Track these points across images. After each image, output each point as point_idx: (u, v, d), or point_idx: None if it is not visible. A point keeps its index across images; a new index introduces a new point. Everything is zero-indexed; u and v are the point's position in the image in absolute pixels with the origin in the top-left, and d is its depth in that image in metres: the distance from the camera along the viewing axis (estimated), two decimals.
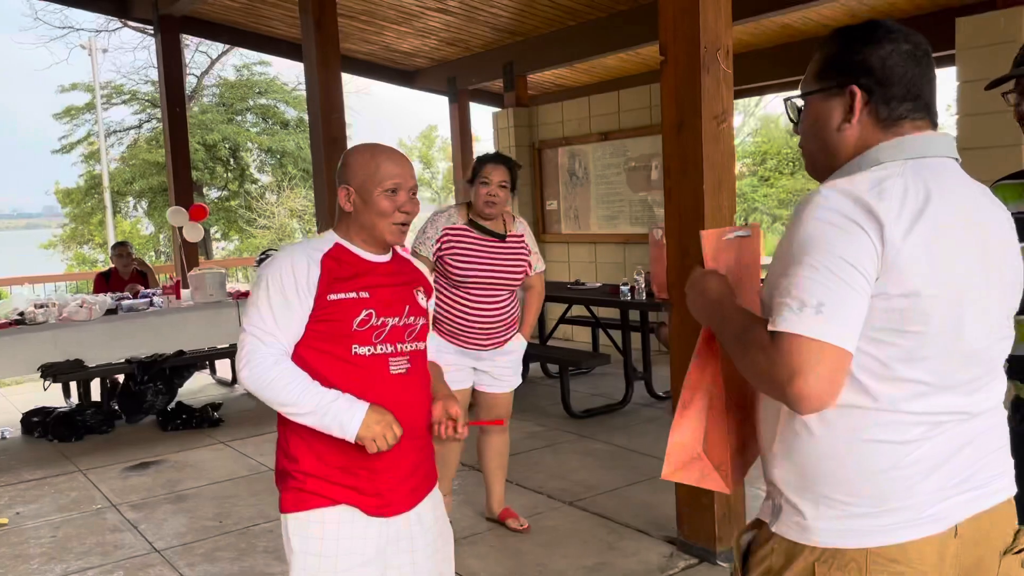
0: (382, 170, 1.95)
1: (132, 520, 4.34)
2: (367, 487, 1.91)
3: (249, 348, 1.89)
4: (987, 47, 5.39)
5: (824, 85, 1.36)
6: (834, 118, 1.35)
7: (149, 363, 6.11)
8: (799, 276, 1.21)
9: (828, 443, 1.29)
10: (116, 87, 21.77)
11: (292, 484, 1.93)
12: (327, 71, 5.93)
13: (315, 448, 1.91)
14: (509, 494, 4.19)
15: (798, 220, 1.25)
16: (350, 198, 1.97)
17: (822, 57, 1.38)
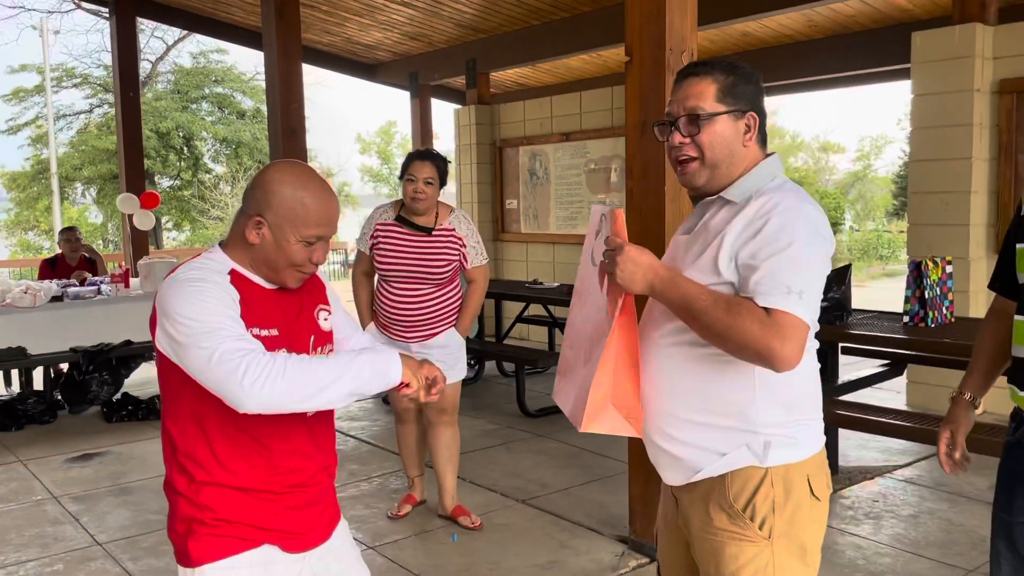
0: (310, 214, 1.67)
1: (73, 512, 4.22)
2: (289, 527, 1.77)
3: (240, 364, 1.52)
4: (942, 62, 5.52)
5: (732, 108, 1.68)
6: (739, 135, 1.69)
7: (95, 352, 5.95)
8: (783, 267, 1.53)
9: (801, 378, 1.66)
10: (67, 70, 21.26)
11: (206, 531, 1.69)
12: (287, 60, 5.85)
13: (233, 498, 1.71)
14: (462, 491, 4.17)
15: (783, 221, 1.56)
16: (260, 231, 1.67)
17: (727, 84, 1.68)
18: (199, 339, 1.55)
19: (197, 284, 1.62)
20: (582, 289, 1.88)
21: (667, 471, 1.76)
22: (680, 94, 1.71)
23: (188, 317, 1.57)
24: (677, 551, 1.86)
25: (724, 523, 1.67)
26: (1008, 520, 1.87)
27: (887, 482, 4.43)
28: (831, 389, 4.60)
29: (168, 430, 1.73)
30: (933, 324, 4.17)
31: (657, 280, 1.60)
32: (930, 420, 4.03)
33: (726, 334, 1.53)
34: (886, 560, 3.49)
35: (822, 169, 30.15)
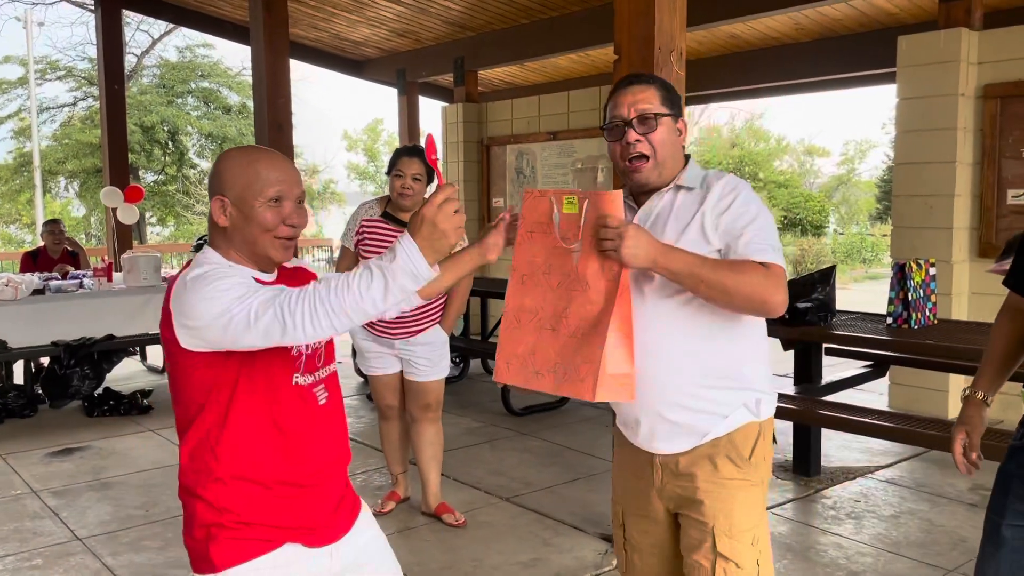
0: (262, 176, 1.67)
1: (53, 507, 4.18)
2: (309, 521, 1.77)
3: (280, 310, 1.54)
4: (927, 66, 5.56)
5: (672, 111, 1.91)
6: (678, 137, 1.92)
7: (76, 347, 5.90)
8: (762, 230, 1.81)
9: (765, 339, 1.97)
10: (51, 62, 21.07)
11: (227, 535, 1.69)
12: (275, 55, 5.81)
13: (251, 495, 1.71)
14: (446, 489, 4.16)
15: (747, 196, 1.85)
16: (225, 211, 1.67)
17: (665, 93, 1.91)
18: (231, 307, 1.56)
19: (208, 276, 1.62)
20: (532, 272, 1.90)
21: (669, 441, 1.90)
22: (625, 99, 1.89)
23: (211, 299, 1.58)
24: (653, 532, 2.00)
25: (733, 473, 1.88)
26: (997, 522, 1.87)
27: (868, 482, 4.45)
28: (814, 390, 4.63)
29: (187, 431, 1.72)
30: (916, 326, 4.20)
31: (659, 253, 1.72)
32: (912, 421, 4.06)
33: (735, 289, 1.73)
34: (867, 560, 3.51)
35: (807, 172, 30.29)
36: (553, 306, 1.85)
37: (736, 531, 1.87)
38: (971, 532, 3.76)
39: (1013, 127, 5.42)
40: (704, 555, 1.87)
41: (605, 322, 1.77)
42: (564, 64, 9.82)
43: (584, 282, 1.81)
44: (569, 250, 1.82)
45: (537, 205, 1.88)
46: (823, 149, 31.57)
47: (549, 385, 1.84)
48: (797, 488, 4.36)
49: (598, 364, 1.75)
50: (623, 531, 2.06)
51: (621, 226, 1.70)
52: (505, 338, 1.92)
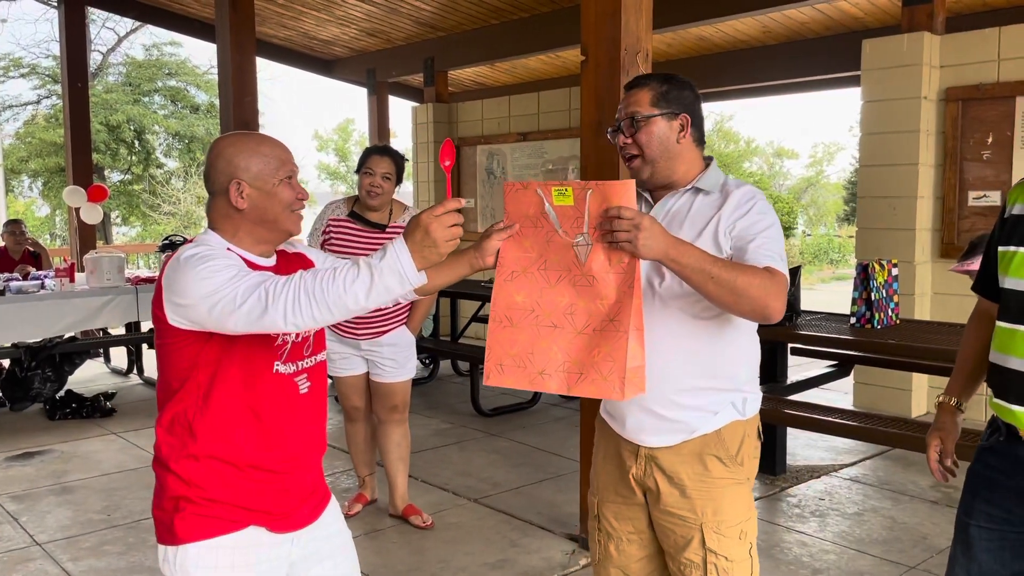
0: (275, 157, 1.77)
1: (12, 512, 4.10)
2: (275, 507, 1.79)
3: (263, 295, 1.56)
4: (890, 69, 5.63)
5: (665, 111, 1.92)
6: (673, 133, 1.92)
7: (37, 348, 5.80)
8: (772, 239, 1.84)
9: (755, 342, 2.00)
10: (14, 60, 20.69)
11: (193, 510, 1.72)
12: (241, 53, 5.76)
13: (223, 474, 1.74)
14: (414, 490, 4.14)
15: (764, 206, 1.89)
16: (243, 193, 1.74)
17: (660, 92, 1.93)
18: (220, 287, 1.59)
19: (204, 256, 1.65)
20: (524, 267, 1.81)
21: (658, 435, 1.94)
22: (623, 103, 1.96)
23: (203, 279, 1.61)
24: (633, 517, 2.03)
25: (721, 472, 1.93)
26: (966, 522, 1.87)
27: (833, 480, 4.50)
28: (780, 389, 4.67)
29: (166, 405, 1.76)
30: (879, 326, 4.25)
31: (670, 246, 1.69)
32: (876, 420, 4.11)
33: (744, 289, 1.73)
34: (831, 557, 3.54)
35: (776, 174, 30.63)
36: (553, 302, 1.78)
37: (724, 527, 1.92)
38: (932, 529, 3.81)
39: (974, 130, 5.51)
40: (694, 552, 1.92)
41: (623, 316, 1.71)
42: (534, 65, 9.83)
43: (590, 276, 1.74)
44: (571, 243, 1.75)
45: (522, 198, 1.80)
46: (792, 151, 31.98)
47: (560, 384, 1.76)
48: (763, 487, 4.39)
49: (623, 360, 1.70)
50: (598, 522, 2.08)
51: (637, 216, 1.66)
52: (495, 339, 1.82)
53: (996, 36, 5.42)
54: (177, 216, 20.45)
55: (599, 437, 2.12)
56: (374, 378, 3.84)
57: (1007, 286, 1.80)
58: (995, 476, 1.83)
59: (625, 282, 1.72)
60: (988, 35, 5.45)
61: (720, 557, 1.90)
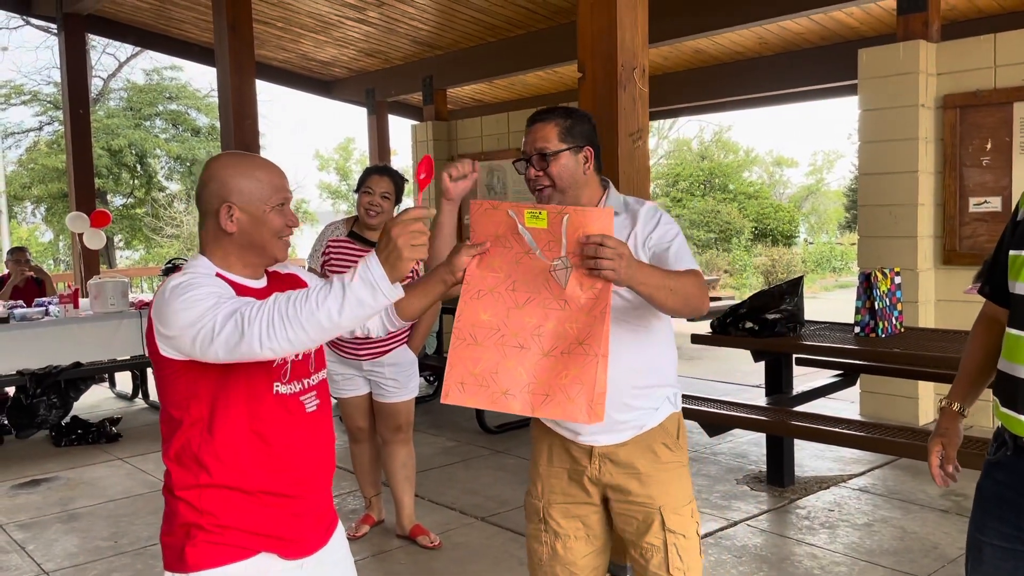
0: (268, 183, 1.74)
1: (20, 540, 4.10)
2: (287, 532, 1.78)
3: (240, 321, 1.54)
4: (887, 77, 5.65)
5: (571, 145, 2.06)
6: (580, 165, 2.07)
7: (42, 375, 5.80)
8: (683, 245, 2.06)
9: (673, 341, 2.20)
10: (16, 87, 20.83)
11: (204, 537, 1.70)
12: (240, 76, 5.79)
13: (234, 501, 1.72)
14: (421, 510, 4.13)
15: (667, 218, 2.11)
16: (232, 216, 1.71)
17: (565, 127, 2.06)
18: (202, 316, 1.56)
19: (188, 284, 1.63)
20: (491, 287, 1.82)
21: (610, 434, 2.10)
22: (530, 137, 2.08)
23: (185, 308, 1.58)
24: (582, 515, 2.17)
25: (668, 456, 2.14)
26: (979, 540, 1.83)
27: (841, 491, 4.48)
28: (785, 400, 4.66)
29: (171, 436, 1.73)
30: (883, 334, 4.24)
31: (640, 271, 1.81)
32: (883, 429, 4.09)
33: (688, 294, 1.91)
34: (842, 569, 3.52)
35: (776, 183, 30.64)
36: (520, 323, 1.79)
37: (679, 507, 2.12)
38: (943, 538, 3.79)
39: (973, 136, 5.52)
40: (655, 535, 2.10)
41: (593, 341, 1.73)
42: (532, 81, 9.87)
43: (562, 299, 1.76)
44: (548, 266, 1.76)
45: (491, 217, 1.81)
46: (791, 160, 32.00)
47: (524, 406, 1.77)
48: (771, 499, 4.37)
49: (592, 384, 1.73)
50: (544, 524, 2.20)
51: (620, 246, 1.73)
52: (457, 357, 1.82)
53: (992, 43, 5.43)
54: (180, 239, 20.50)
55: (540, 443, 2.23)
56: (377, 398, 3.83)
57: (1018, 292, 1.74)
58: (1005, 492, 1.79)
59: (597, 307, 1.75)
60: (984, 42, 5.47)
61: (678, 536, 2.10)
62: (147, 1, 8.34)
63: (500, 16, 7.98)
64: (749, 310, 4.34)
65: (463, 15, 8.08)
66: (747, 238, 21.96)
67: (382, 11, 8.09)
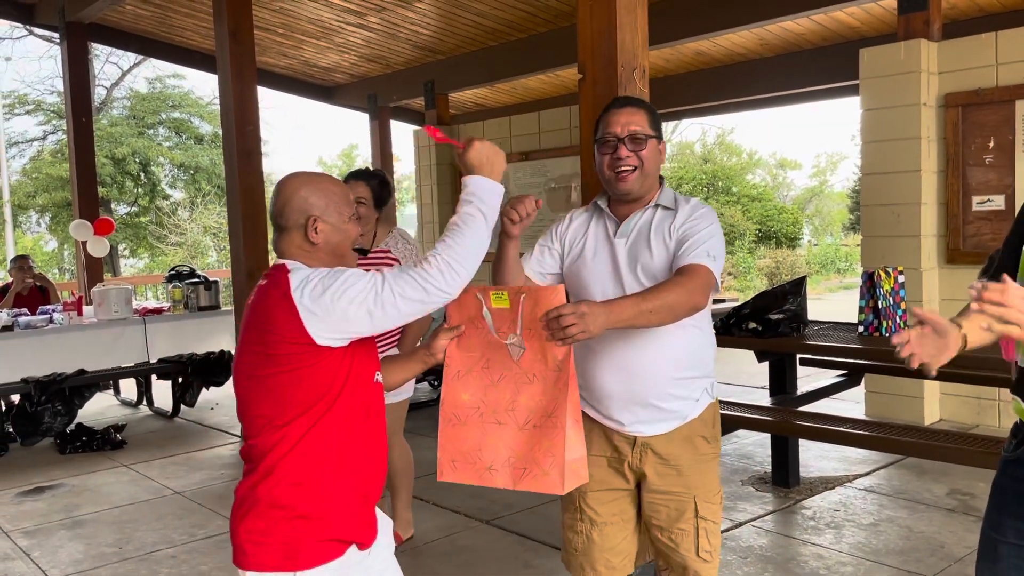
0: (342, 197, 1.92)
1: (24, 547, 4.10)
2: (366, 522, 1.86)
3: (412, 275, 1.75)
4: (889, 77, 5.64)
5: (657, 134, 2.21)
6: (660, 156, 2.23)
7: (47, 383, 5.81)
8: (707, 240, 2.09)
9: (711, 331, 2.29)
10: (20, 97, 20.88)
11: (318, 533, 1.77)
12: (242, 83, 5.80)
13: (341, 497, 1.80)
14: (426, 513, 4.12)
15: (708, 215, 2.16)
16: (316, 228, 1.86)
17: (652, 117, 2.20)
18: (370, 283, 1.73)
19: (326, 273, 1.77)
20: (468, 367, 1.94)
21: (653, 425, 2.18)
22: (619, 119, 2.17)
23: (347, 285, 1.73)
24: (618, 502, 2.26)
25: (705, 449, 2.23)
26: (994, 539, 1.80)
27: (847, 491, 4.46)
28: (790, 400, 4.64)
29: (278, 438, 1.77)
30: (887, 333, 4.23)
31: (610, 312, 1.86)
32: (888, 428, 4.07)
33: (672, 304, 1.96)
34: (848, 569, 3.51)
35: (779, 185, 30.60)
36: (496, 400, 1.90)
37: (711, 495, 2.23)
38: (950, 537, 3.77)
39: (975, 135, 5.51)
40: (687, 521, 2.19)
41: (559, 412, 1.82)
42: (534, 84, 9.88)
43: (530, 374, 1.87)
44: (503, 344, 1.85)
45: (463, 301, 1.93)
46: (795, 162, 31.96)
47: (506, 480, 1.87)
48: (776, 500, 4.36)
49: (562, 455, 1.81)
50: (580, 513, 2.27)
51: (575, 307, 1.81)
52: (446, 436, 1.95)
53: (993, 41, 5.42)
54: (184, 247, 20.53)
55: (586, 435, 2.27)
56: None
57: None
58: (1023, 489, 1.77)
59: (560, 379, 1.84)
60: (985, 40, 5.46)
61: (708, 522, 2.21)
62: (149, 9, 8.37)
63: (501, 20, 7.99)
64: (752, 310, 4.33)
65: (464, 19, 8.09)
66: (751, 240, 21.93)
67: (383, 16, 8.10)
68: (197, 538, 4.14)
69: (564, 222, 2.38)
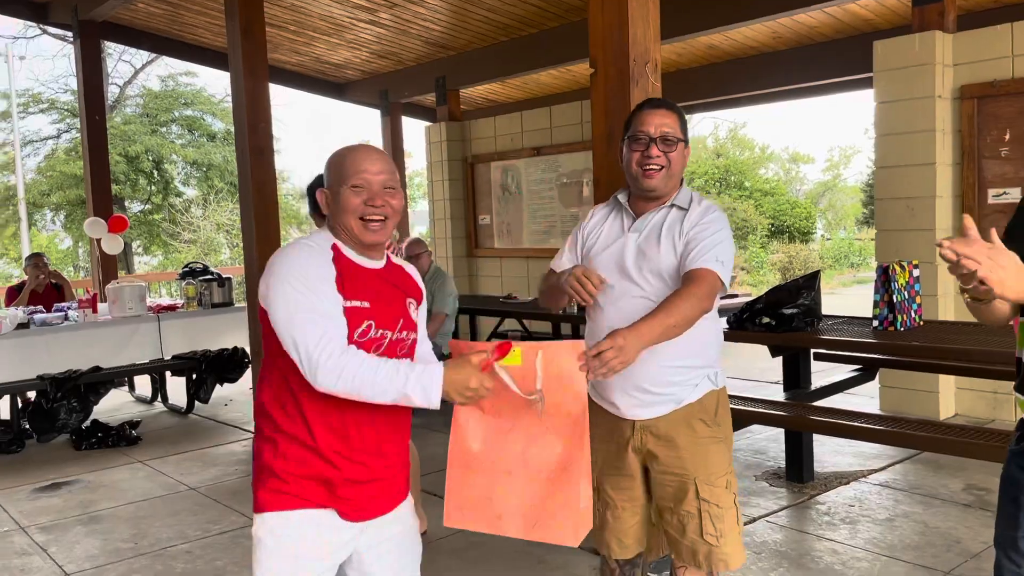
0: (348, 166, 1.87)
1: (41, 543, 4.13)
2: (351, 495, 1.88)
3: (312, 361, 1.74)
4: (903, 69, 5.60)
5: (685, 139, 2.30)
6: (685, 159, 2.32)
7: (62, 380, 5.85)
8: (715, 244, 2.19)
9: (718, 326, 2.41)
10: (34, 95, 21.02)
11: (274, 484, 1.86)
12: (254, 79, 5.81)
13: (306, 455, 1.85)
14: (439, 509, 4.11)
15: (714, 216, 2.26)
16: (326, 199, 1.90)
17: (682, 122, 2.31)
18: (293, 317, 1.76)
19: (301, 250, 1.83)
20: (479, 416, 1.93)
21: (650, 408, 2.27)
22: (652, 119, 2.26)
23: (285, 281, 1.78)
24: (628, 487, 2.36)
25: (705, 432, 2.29)
26: (1013, 536, 1.79)
27: (862, 486, 4.44)
28: (804, 395, 4.62)
29: (264, 379, 1.91)
30: (902, 328, 4.20)
31: (641, 337, 1.96)
32: (903, 423, 4.05)
33: (689, 313, 2.08)
34: (863, 565, 3.49)
35: (792, 179, 30.47)
36: (507, 450, 1.90)
37: (713, 478, 2.27)
38: (966, 533, 3.75)
39: (991, 127, 5.46)
40: (690, 503, 2.27)
41: (575, 466, 1.84)
42: (545, 80, 9.86)
43: (544, 427, 1.87)
44: (525, 399, 1.83)
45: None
46: (807, 156, 31.85)
47: (519, 529, 1.89)
48: (791, 495, 4.34)
49: (577, 507, 1.84)
50: (596, 495, 2.33)
51: (612, 342, 1.89)
52: (454, 483, 1.95)
53: (1009, 32, 5.37)
54: (197, 243, 20.62)
55: (594, 418, 2.32)
56: None
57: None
58: None
59: (576, 433, 1.86)
60: (1001, 31, 5.41)
61: (712, 505, 2.26)
62: (161, 7, 8.39)
63: (512, 15, 7.97)
64: (766, 305, 4.31)
65: (475, 15, 8.08)
66: (763, 235, 21.84)
67: (394, 13, 8.10)
68: (212, 533, 4.16)
69: (586, 219, 2.48)
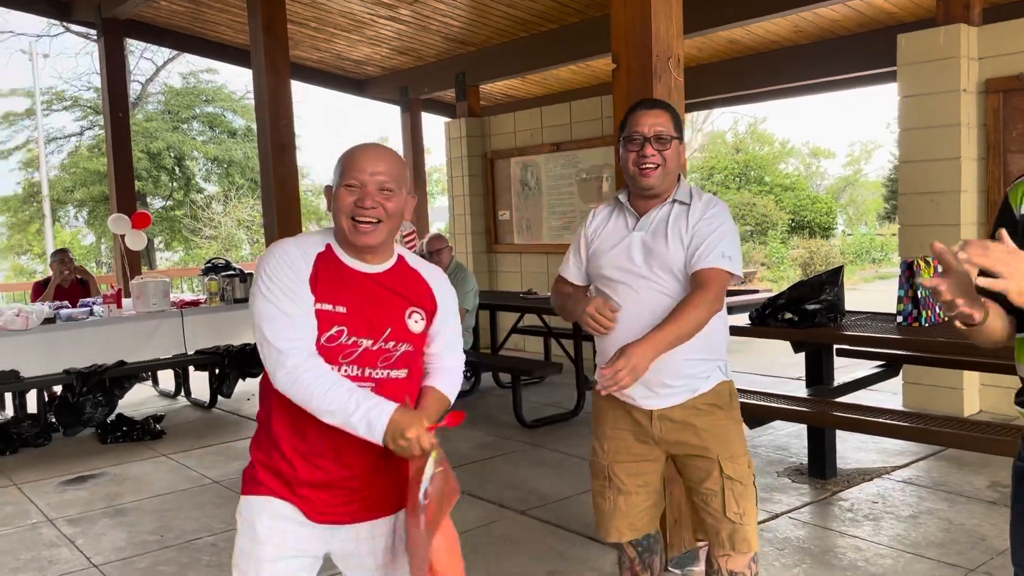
0: (347, 164, 1.83)
1: (69, 535, 4.19)
2: (313, 496, 1.90)
3: (272, 360, 1.80)
4: (928, 63, 5.54)
5: (678, 136, 2.37)
6: (680, 156, 2.40)
7: (88, 374, 5.92)
8: (721, 239, 2.29)
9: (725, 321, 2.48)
10: (58, 93, 21.25)
11: (248, 471, 1.97)
12: (276, 76, 5.85)
13: (272, 451, 1.91)
14: (461, 503, 4.13)
15: (718, 210, 2.35)
16: (329, 197, 1.88)
17: (675, 120, 2.37)
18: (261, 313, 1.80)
19: (283, 248, 1.83)
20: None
21: (666, 399, 2.37)
22: (646, 120, 2.34)
23: (259, 279, 1.82)
24: (644, 472, 2.46)
25: (722, 415, 2.41)
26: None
27: (885, 483, 4.42)
28: (827, 391, 4.60)
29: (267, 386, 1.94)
30: (927, 324, 4.17)
31: (653, 349, 2.15)
32: (927, 420, 4.03)
33: (698, 317, 2.22)
34: (887, 562, 3.47)
35: (813, 174, 30.25)
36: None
37: (736, 456, 2.39)
38: (990, 530, 3.72)
39: (1017, 121, 5.40)
40: (714, 481, 2.36)
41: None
42: (565, 75, 9.84)
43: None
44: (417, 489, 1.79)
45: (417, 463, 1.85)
46: (828, 151, 31.56)
47: None
48: (813, 491, 4.33)
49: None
50: (608, 481, 2.47)
51: (620, 365, 2.10)
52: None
53: None
54: (218, 240, 20.77)
55: (604, 412, 2.50)
56: None
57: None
58: None
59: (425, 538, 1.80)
60: None
61: (735, 483, 2.36)
62: (183, 4, 8.46)
63: (532, 11, 7.97)
64: (788, 301, 4.29)
65: (495, 11, 8.08)
66: (784, 230, 21.71)
67: (414, 9, 8.12)
68: (236, 526, 4.19)
69: (587, 221, 2.55)
